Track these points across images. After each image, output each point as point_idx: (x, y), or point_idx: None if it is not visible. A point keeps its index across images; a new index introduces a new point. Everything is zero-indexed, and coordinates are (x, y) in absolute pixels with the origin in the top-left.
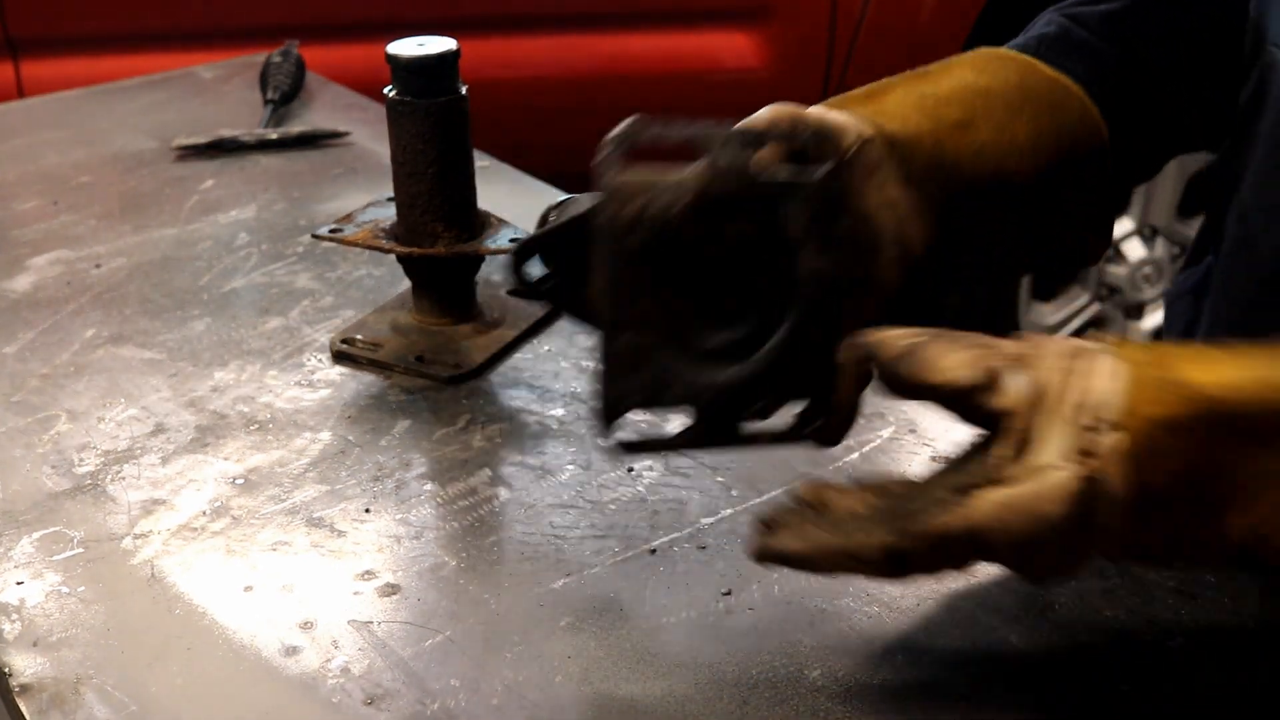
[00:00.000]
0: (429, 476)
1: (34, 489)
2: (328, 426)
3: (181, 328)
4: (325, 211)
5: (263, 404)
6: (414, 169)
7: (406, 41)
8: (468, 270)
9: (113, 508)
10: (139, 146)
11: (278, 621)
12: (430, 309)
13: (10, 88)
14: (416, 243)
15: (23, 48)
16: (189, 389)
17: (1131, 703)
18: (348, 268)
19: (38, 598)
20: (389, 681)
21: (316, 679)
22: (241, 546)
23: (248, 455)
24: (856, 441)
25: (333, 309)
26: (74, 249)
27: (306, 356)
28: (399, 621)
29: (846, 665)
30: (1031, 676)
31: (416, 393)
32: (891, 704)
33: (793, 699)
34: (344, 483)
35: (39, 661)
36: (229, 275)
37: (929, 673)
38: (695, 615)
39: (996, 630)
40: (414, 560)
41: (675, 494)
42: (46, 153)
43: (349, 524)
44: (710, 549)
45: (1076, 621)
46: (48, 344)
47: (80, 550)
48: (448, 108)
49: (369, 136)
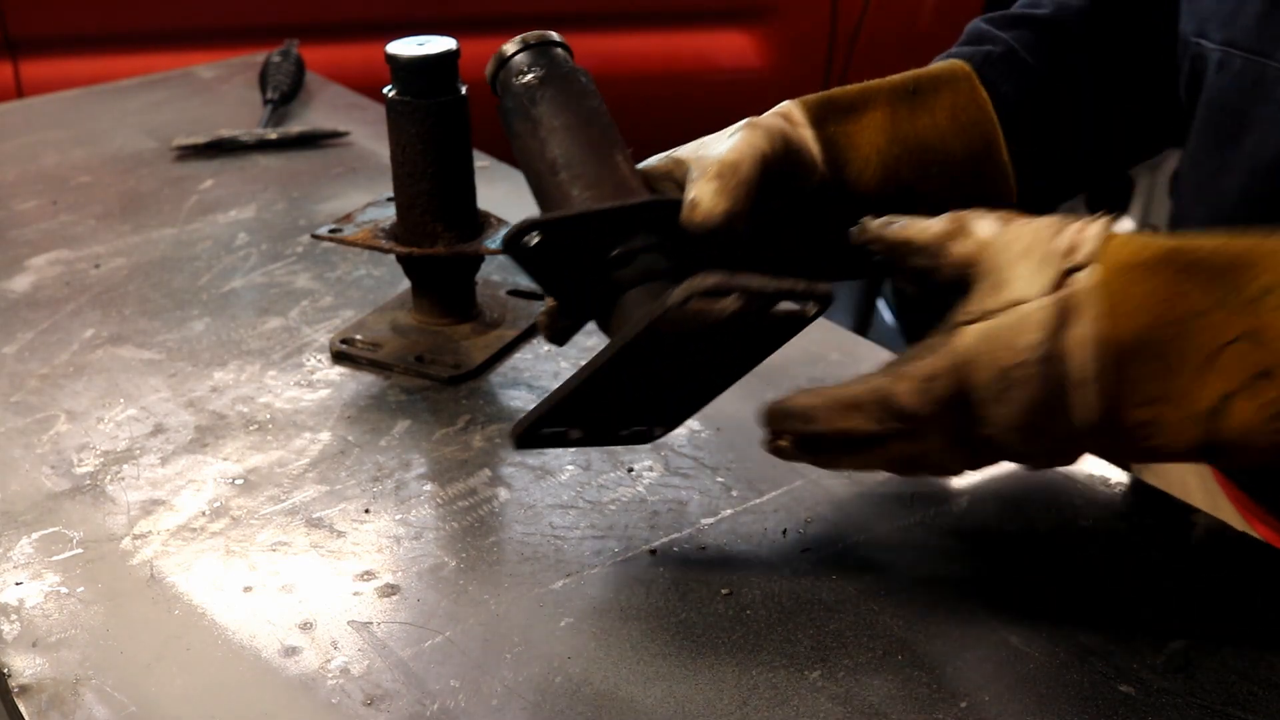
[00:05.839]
0: (429, 477)
1: (33, 489)
2: (327, 427)
3: (181, 328)
4: (325, 211)
5: (262, 404)
6: (414, 169)
7: (406, 41)
8: (468, 270)
9: (112, 508)
10: (138, 146)
11: (277, 622)
12: (430, 309)
13: (10, 88)
14: (416, 243)
15: (22, 48)
16: (188, 389)
17: (1132, 703)
18: (347, 268)
19: (37, 598)
20: (389, 682)
21: (316, 679)
22: (241, 547)
23: (247, 455)
24: None
25: (332, 309)
26: (73, 249)
27: (306, 357)
28: (399, 622)
29: (846, 665)
30: (1031, 676)
31: (416, 393)
32: (892, 704)
33: (793, 699)
34: (344, 483)
35: (38, 662)
36: (228, 275)
37: (929, 673)
38: (695, 615)
39: (996, 630)
40: (414, 561)
41: (675, 494)
42: (46, 153)
43: (349, 524)
44: (710, 549)
45: (1077, 622)
46: (47, 344)
47: (79, 551)
48: (448, 108)
49: (369, 136)
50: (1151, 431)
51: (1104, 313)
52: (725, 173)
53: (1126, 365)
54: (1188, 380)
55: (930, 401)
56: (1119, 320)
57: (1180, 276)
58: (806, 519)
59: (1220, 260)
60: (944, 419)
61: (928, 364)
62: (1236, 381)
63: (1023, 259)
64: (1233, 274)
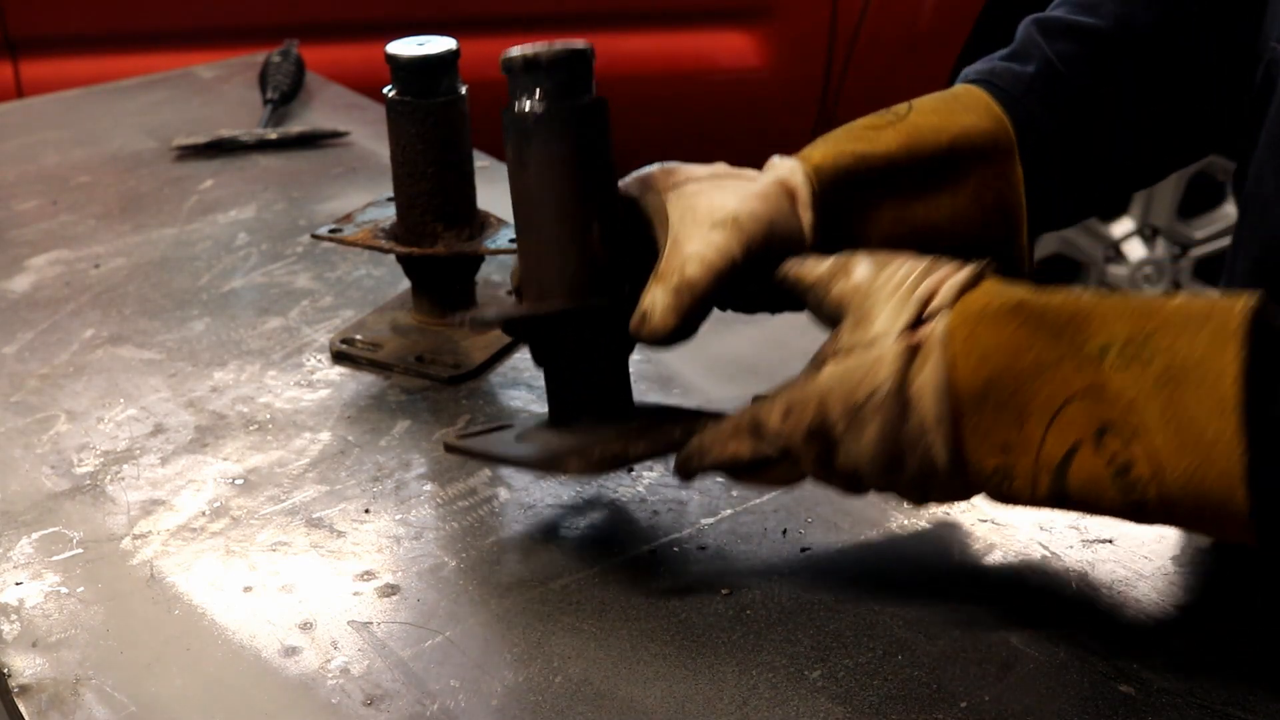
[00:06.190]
0: (429, 476)
1: (33, 489)
2: (327, 427)
3: (181, 328)
4: (325, 211)
5: (262, 404)
6: (414, 169)
7: (406, 41)
8: (468, 270)
9: (112, 508)
10: (138, 146)
11: (277, 622)
12: (430, 309)
13: (10, 88)
14: (416, 243)
15: (22, 48)
16: (188, 389)
17: (1132, 703)
18: (347, 268)
19: (37, 598)
20: (389, 682)
21: (316, 680)
22: (241, 547)
23: (247, 456)
24: None
25: (332, 309)
26: (73, 249)
27: (306, 357)
28: (399, 622)
29: (846, 665)
30: (1032, 676)
31: (416, 393)
32: (892, 704)
33: (793, 699)
34: (344, 483)
35: (38, 662)
36: (228, 275)
37: (929, 673)
38: (695, 615)
39: (996, 630)
40: (414, 560)
41: (675, 494)
42: (46, 153)
43: (349, 524)
44: (710, 549)
45: (1077, 622)
46: (47, 344)
47: (79, 551)
48: (448, 108)
49: (369, 136)
50: (1004, 478)
51: (950, 359)
52: (682, 290)
53: (971, 412)
54: (1033, 430)
55: (793, 429)
56: (964, 368)
57: (1027, 329)
58: (806, 519)
59: (1064, 315)
60: (809, 447)
61: (794, 392)
62: (1081, 435)
63: (887, 300)
64: (1074, 329)
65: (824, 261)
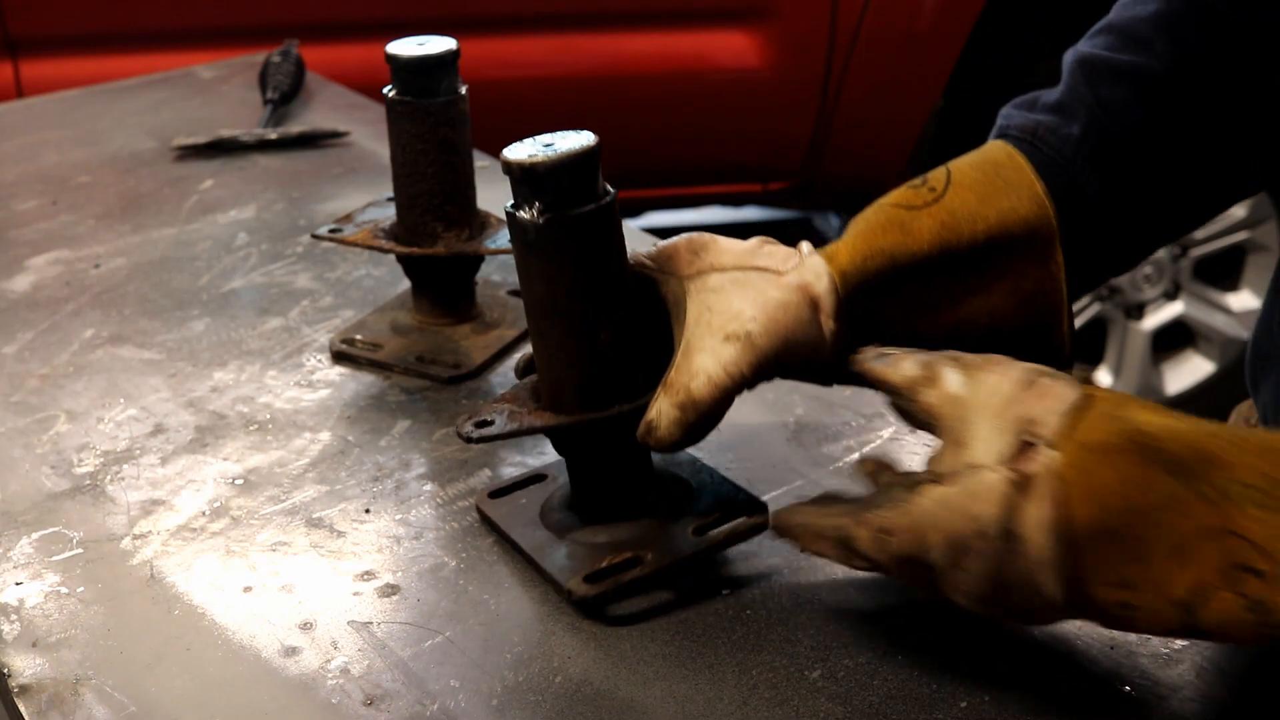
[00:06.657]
0: (429, 477)
1: (33, 489)
2: (327, 427)
3: (181, 328)
4: (325, 211)
5: (262, 404)
6: (414, 169)
7: (406, 41)
8: (468, 270)
9: (112, 508)
10: (138, 146)
11: (277, 622)
12: (430, 309)
13: (10, 88)
14: (416, 243)
15: (22, 48)
16: (188, 389)
17: (1132, 703)
18: (347, 268)
19: (37, 598)
20: (389, 682)
21: (316, 679)
22: (241, 547)
23: (247, 455)
24: (856, 441)
25: (332, 309)
26: (73, 249)
27: (306, 357)
28: (399, 622)
29: (846, 665)
30: (1032, 676)
31: (416, 393)
32: (892, 705)
33: (793, 699)
34: (344, 483)
35: (38, 662)
36: (228, 275)
37: (929, 673)
38: (695, 615)
39: (996, 630)
40: (414, 560)
41: None
42: (46, 153)
43: (349, 524)
44: None
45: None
46: (47, 344)
47: (79, 551)
48: (448, 108)
49: (369, 136)
50: (1128, 612)
51: (1065, 497)
52: (687, 406)
53: (1088, 550)
54: (1158, 568)
55: (887, 555)
56: (1080, 505)
57: (1149, 466)
58: None
59: (1189, 453)
60: (905, 571)
61: (887, 517)
62: (1213, 574)
63: (984, 420)
64: (1203, 468)
65: (906, 360)
